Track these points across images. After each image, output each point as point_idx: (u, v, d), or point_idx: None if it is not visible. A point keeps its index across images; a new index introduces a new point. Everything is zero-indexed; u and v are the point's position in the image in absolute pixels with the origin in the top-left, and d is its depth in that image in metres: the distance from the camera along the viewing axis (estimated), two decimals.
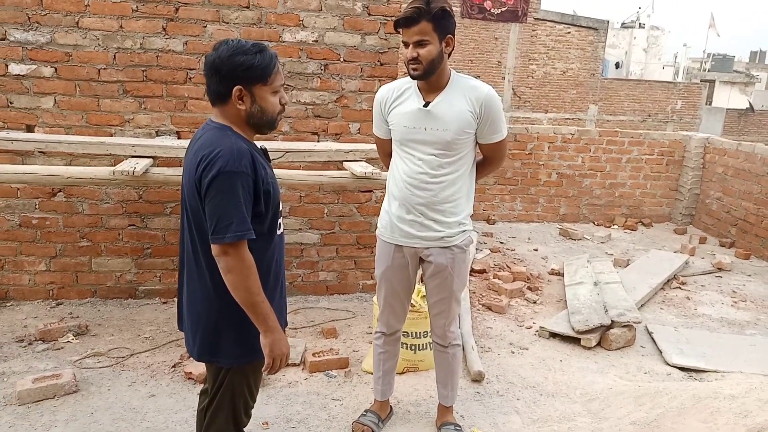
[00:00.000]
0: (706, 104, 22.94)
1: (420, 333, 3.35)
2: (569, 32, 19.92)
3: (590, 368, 3.62)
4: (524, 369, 3.58)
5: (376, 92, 3.67)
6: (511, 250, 6.03)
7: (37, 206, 3.93)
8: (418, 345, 3.37)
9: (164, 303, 4.16)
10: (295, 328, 3.86)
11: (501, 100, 2.45)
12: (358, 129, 4.20)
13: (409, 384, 3.30)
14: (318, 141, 4.17)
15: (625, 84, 21.76)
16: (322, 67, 4.06)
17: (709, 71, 31.44)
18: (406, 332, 3.32)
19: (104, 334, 3.66)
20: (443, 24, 2.27)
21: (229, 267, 1.77)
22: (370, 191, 4.32)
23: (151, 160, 3.18)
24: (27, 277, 4.02)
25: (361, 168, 3.23)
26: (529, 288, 4.91)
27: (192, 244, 1.88)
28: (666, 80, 25.32)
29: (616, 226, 7.23)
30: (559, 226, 6.93)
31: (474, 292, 4.73)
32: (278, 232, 1.98)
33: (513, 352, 3.80)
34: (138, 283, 4.18)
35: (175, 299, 4.17)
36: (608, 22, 20.68)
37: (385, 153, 2.70)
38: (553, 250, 6.17)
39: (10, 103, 3.74)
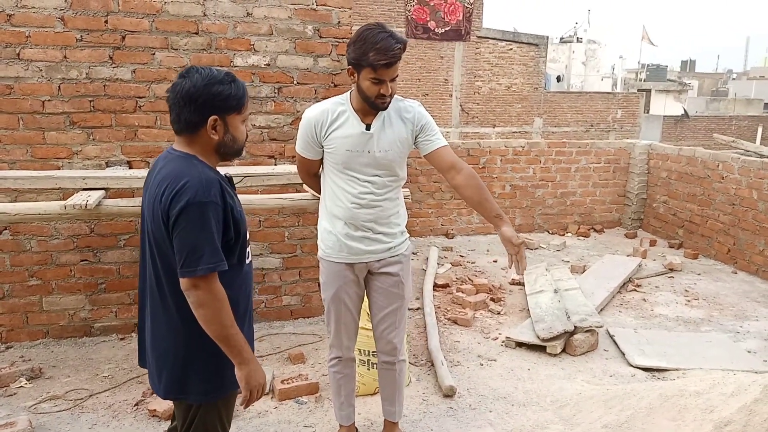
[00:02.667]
0: (644, 112, 23.93)
1: None
2: (511, 49, 20.55)
3: (558, 375, 3.67)
4: (494, 380, 3.60)
5: None
6: (472, 263, 6.09)
7: None
8: None
9: (122, 339, 4.01)
10: (261, 356, 3.78)
11: (450, 116, 2.50)
12: None
13: None
14: (275, 164, 4.13)
15: (567, 96, 22.52)
16: (276, 91, 4.04)
17: (644, 81, 32.86)
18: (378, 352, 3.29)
19: (60, 376, 3.49)
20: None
21: (200, 301, 1.71)
22: None
23: (103, 192, 3.08)
24: None
25: None
26: (492, 299, 4.96)
27: (156, 277, 1.81)
28: (605, 91, 26.33)
29: (569, 234, 7.40)
30: None
31: (439, 307, 4.75)
32: (247, 261, 1.94)
33: (482, 365, 3.82)
34: (93, 320, 4.01)
35: (134, 334, 4.06)
36: (548, 37, 21.42)
37: (308, 173, 2.65)
38: None
39: None
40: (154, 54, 3.79)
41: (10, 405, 3.16)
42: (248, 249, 1.94)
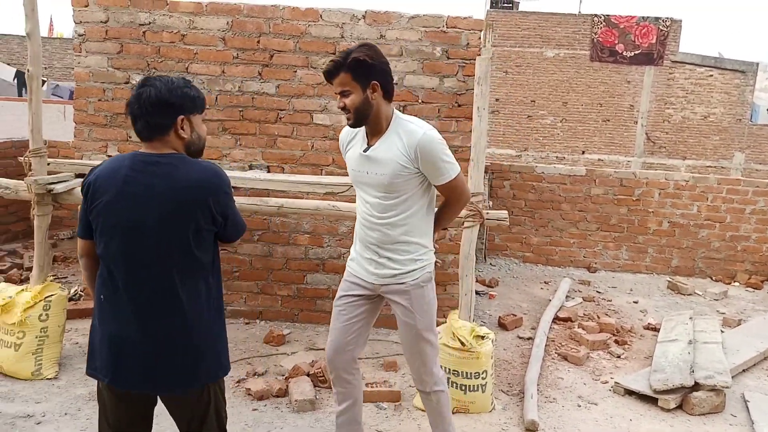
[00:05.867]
0: None
1: (472, 373, 3.30)
2: (711, 75, 18.65)
3: None
4: (586, 424, 3.37)
5: (452, 131, 3.79)
6: (608, 301, 5.70)
7: None
8: (470, 386, 3.31)
9: (247, 323, 4.46)
10: (359, 359, 3.95)
11: (633, 145, 2.39)
12: None
13: (457, 426, 3.23)
14: None
15: None
16: (401, 109, 4.19)
17: None
18: (457, 371, 3.29)
19: None
20: (361, 72, 2.28)
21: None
22: None
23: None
24: None
25: None
26: (615, 341, 4.60)
27: (166, 276, 1.92)
28: None
29: (737, 283, 6.55)
30: (670, 279, 6.42)
31: (553, 341, 4.54)
32: None
33: (579, 406, 3.60)
34: (226, 303, 4.49)
35: (258, 321, 4.49)
36: (758, 64, 19.05)
37: None
38: (656, 303, 5.73)
39: (130, 137, 4.30)
40: (296, 72, 4.20)
41: None
42: None
